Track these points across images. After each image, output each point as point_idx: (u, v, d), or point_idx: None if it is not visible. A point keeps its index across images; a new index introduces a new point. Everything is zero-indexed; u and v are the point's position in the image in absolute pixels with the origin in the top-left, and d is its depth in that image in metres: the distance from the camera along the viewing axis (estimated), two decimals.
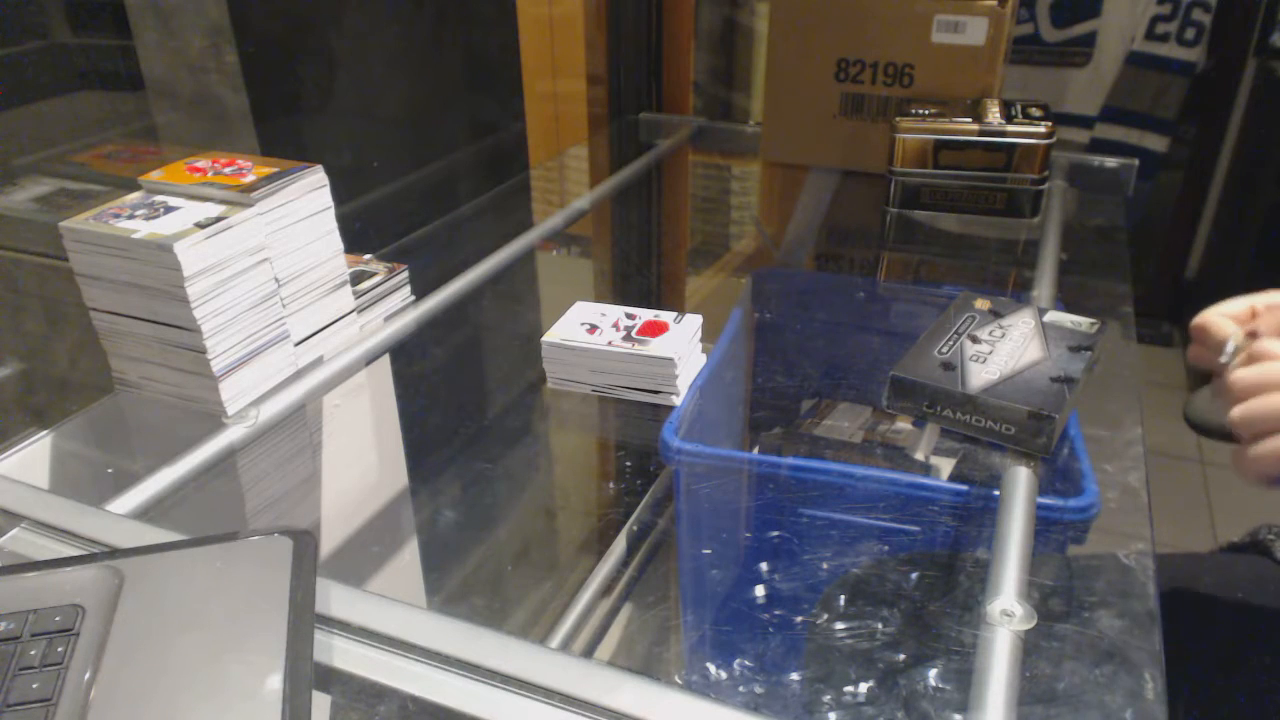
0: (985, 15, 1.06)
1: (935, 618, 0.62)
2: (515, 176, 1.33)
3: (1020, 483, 0.59)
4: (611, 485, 0.84)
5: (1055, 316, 0.72)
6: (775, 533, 0.72)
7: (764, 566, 0.73)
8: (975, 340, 0.68)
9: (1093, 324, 0.71)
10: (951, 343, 0.68)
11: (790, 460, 0.77)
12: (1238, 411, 0.51)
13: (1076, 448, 0.65)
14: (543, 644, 0.47)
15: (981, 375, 0.64)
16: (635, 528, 0.79)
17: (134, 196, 0.71)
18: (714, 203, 1.45)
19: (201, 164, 0.73)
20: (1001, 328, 0.71)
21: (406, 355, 0.84)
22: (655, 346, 0.74)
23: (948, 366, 0.66)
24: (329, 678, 0.45)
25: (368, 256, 0.88)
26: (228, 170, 0.72)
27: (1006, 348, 0.68)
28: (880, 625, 0.65)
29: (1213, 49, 1.78)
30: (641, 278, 1.20)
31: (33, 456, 0.68)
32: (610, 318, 0.79)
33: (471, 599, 0.78)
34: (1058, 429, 0.61)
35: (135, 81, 0.93)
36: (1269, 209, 1.84)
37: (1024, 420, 0.61)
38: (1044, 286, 0.88)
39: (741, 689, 0.63)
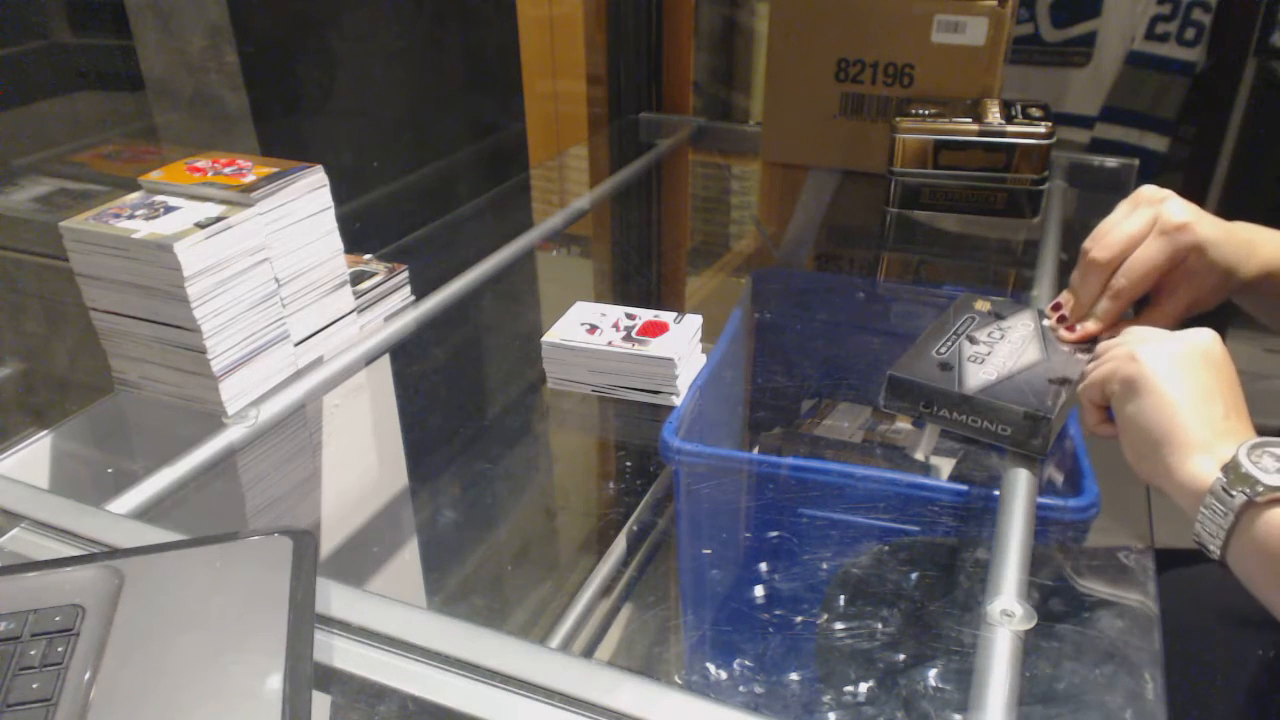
0: (985, 15, 1.06)
1: (935, 618, 0.62)
2: (515, 176, 1.33)
3: (1020, 483, 0.59)
4: (611, 485, 0.84)
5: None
6: (775, 533, 0.71)
7: (764, 566, 0.73)
8: (974, 341, 0.68)
9: None
10: (950, 343, 0.68)
11: (790, 460, 0.77)
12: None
13: (1077, 448, 0.65)
14: (543, 644, 0.47)
15: (978, 376, 0.64)
16: (635, 528, 0.79)
17: (134, 196, 0.71)
18: (714, 203, 1.45)
19: (201, 164, 0.73)
20: (1001, 329, 0.70)
21: (406, 355, 0.84)
22: (655, 346, 0.74)
23: (945, 367, 0.65)
24: (329, 678, 0.45)
25: (368, 256, 0.88)
26: (228, 170, 0.72)
27: (1005, 349, 0.68)
28: (880, 625, 0.65)
29: (1213, 49, 1.78)
30: (641, 278, 1.20)
31: (33, 456, 0.68)
32: (610, 318, 0.79)
33: (471, 599, 0.77)
34: (1054, 430, 0.61)
35: (135, 81, 0.93)
36: (1269, 209, 1.84)
37: (1019, 421, 0.61)
38: (1044, 286, 0.88)
39: (741, 689, 0.63)
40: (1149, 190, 0.64)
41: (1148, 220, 0.63)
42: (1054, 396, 0.62)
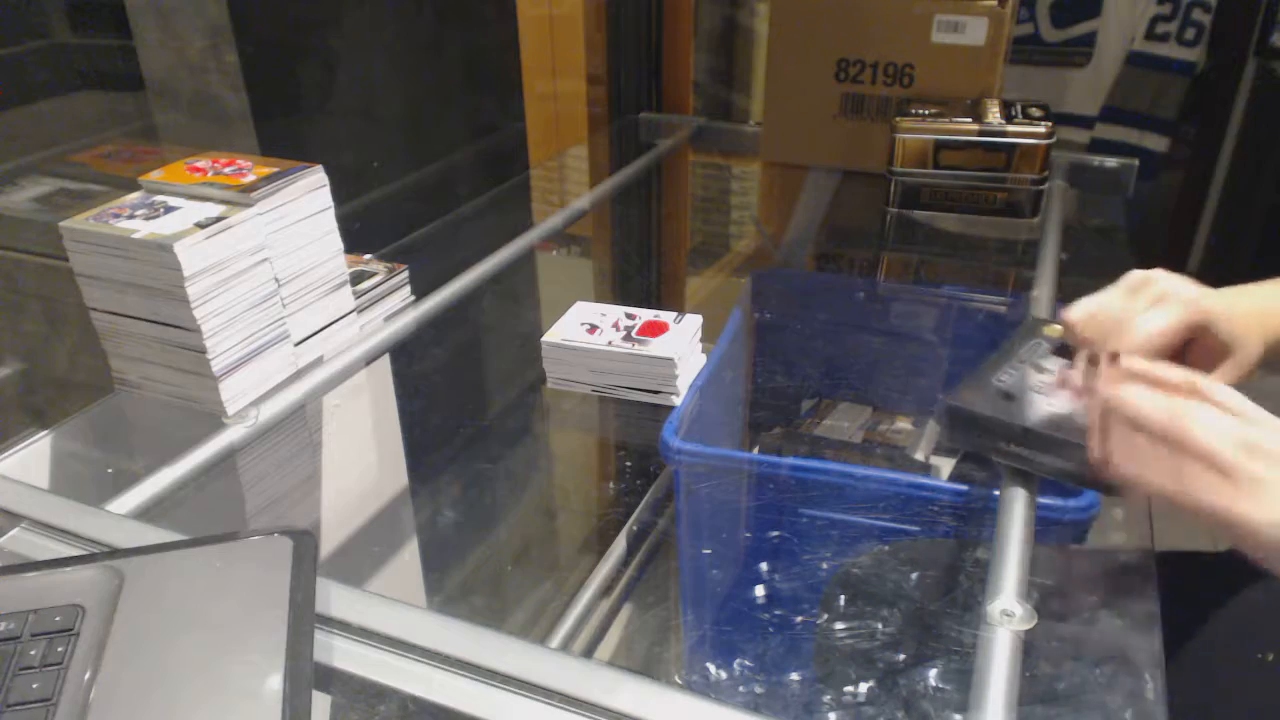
0: (985, 15, 1.06)
1: (935, 618, 0.62)
2: (515, 176, 1.33)
3: (1020, 483, 0.59)
4: (611, 485, 0.84)
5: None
6: (775, 533, 0.72)
7: (764, 566, 0.73)
8: (1039, 369, 0.64)
9: None
10: (1013, 371, 0.63)
11: (790, 460, 0.77)
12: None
13: None
14: (543, 644, 0.47)
15: (1044, 408, 0.59)
16: (635, 528, 0.80)
17: (134, 196, 0.71)
18: (714, 203, 1.45)
19: (201, 164, 0.73)
20: (1069, 357, 0.65)
21: (406, 355, 0.84)
22: (655, 346, 0.74)
23: (1008, 397, 0.61)
24: (329, 678, 0.45)
25: (368, 256, 0.88)
26: (228, 170, 0.72)
27: (1075, 379, 0.61)
28: (880, 625, 0.65)
29: (1213, 49, 1.78)
30: (641, 278, 1.20)
31: (33, 456, 0.68)
32: (610, 318, 0.79)
33: (471, 599, 0.78)
34: None
35: (135, 81, 0.93)
36: (1269, 209, 1.84)
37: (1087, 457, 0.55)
38: (1044, 287, 0.88)
39: (741, 689, 0.63)
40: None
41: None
42: None
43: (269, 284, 0.71)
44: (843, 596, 0.67)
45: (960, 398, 0.61)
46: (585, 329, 0.77)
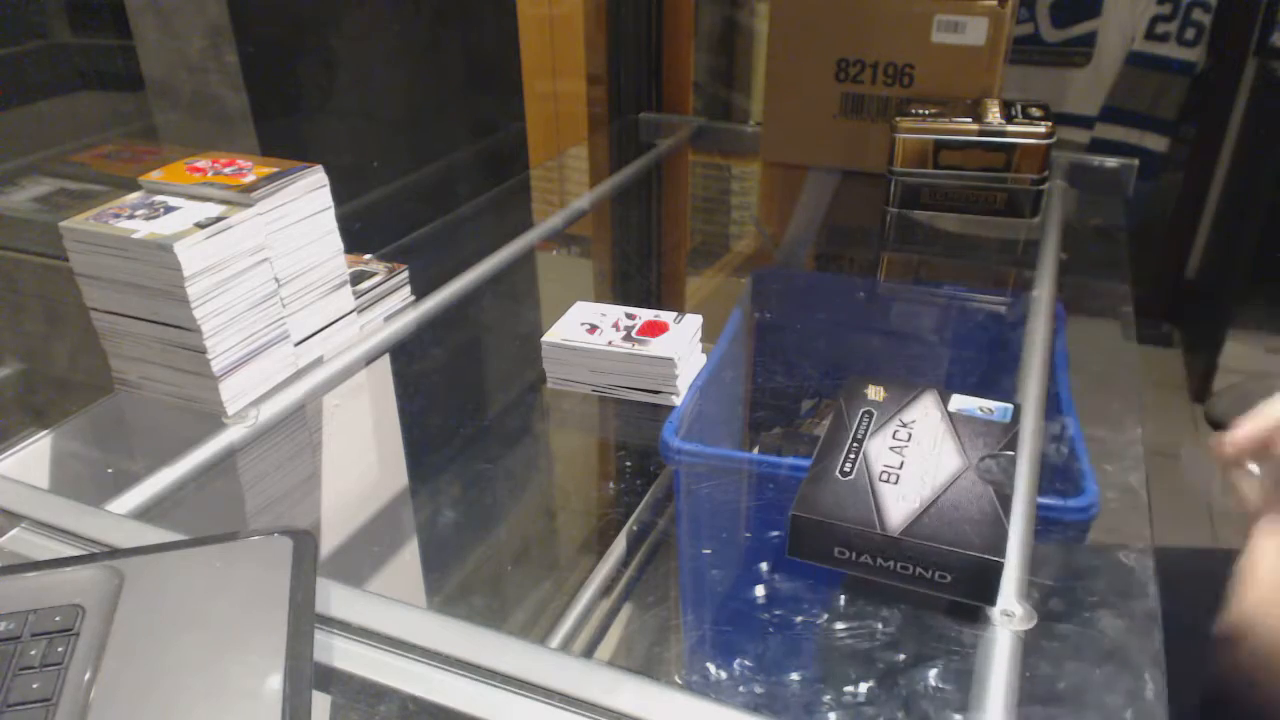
0: (985, 15, 1.06)
1: (935, 618, 0.62)
2: (515, 176, 1.33)
3: (1020, 483, 0.59)
4: (611, 485, 0.84)
5: (961, 403, 0.61)
6: (775, 533, 0.71)
7: (764, 566, 0.73)
8: (880, 448, 0.56)
9: (1007, 407, 0.61)
10: (853, 456, 0.55)
11: (790, 460, 0.77)
12: None
13: (1076, 448, 0.65)
14: (543, 644, 0.47)
15: (899, 505, 0.51)
16: (635, 528, 0.79)
17: (134, 196, 0.71)
18: (714, 203, 1.45)
19: (201, 164, 0.73)
20: (904, 424, 0.59)
21: (406, 355, 0.84)
22: (655, 346, 0.74)
23: (856, 492, 0.52)
24: (329, 678, 0.45)
25: (368, 256, 0.88)
26: (228, 170, 0.72)
27: (917, 455, 0.56)
28: (880, 625, 0.65)
29: (1213, 49, 1.78)
30: (641, 278, 1.20)
31: (33, 456, 0.68)
32: (610, 318, 0.79)
33: (471, 599, 0.78)
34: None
35: (135, 81, 0.93)
36: (1269, 209, 1.84)
37: (968, 566, 0.50)
38: (1044, 287, 0.88)
39: (741, 689, 0.63)
40: None
41: None
42: (995, 526, 0.51)
43: (269, 284, 0.71)
44: (843, 596, 0.67)
45: (806, 504, 0.52)
46: (585, 329, 0.77)
